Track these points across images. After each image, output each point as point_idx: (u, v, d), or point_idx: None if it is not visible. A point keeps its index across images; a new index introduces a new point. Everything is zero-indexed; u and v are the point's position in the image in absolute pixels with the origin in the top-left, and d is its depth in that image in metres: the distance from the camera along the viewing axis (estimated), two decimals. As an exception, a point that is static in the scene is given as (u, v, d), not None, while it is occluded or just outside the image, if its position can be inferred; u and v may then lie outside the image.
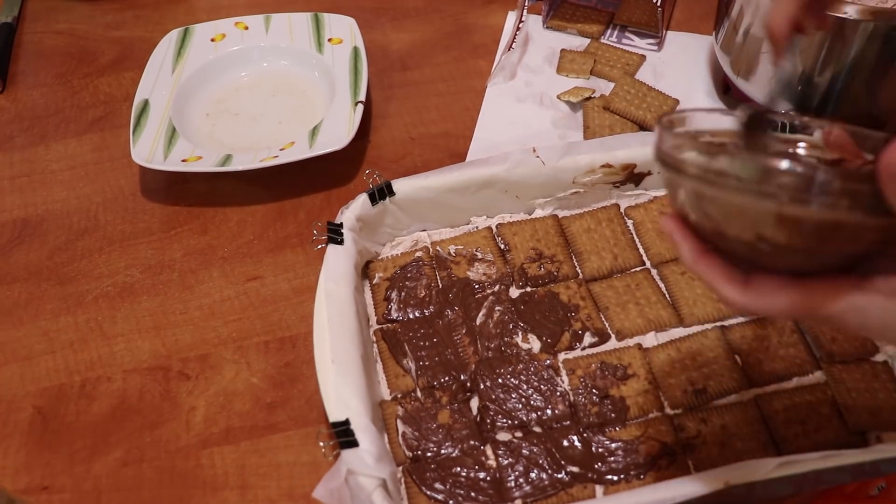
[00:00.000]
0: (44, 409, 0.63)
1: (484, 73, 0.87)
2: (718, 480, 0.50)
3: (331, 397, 0.55)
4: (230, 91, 0.86)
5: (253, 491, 0.58)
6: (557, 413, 0.59)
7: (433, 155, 0.80)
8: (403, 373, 0.62)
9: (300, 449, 0.60)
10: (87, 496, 0.58)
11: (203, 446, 0.60)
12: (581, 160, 0.68)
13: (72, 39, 0.95)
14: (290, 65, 0.87)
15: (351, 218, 0.65)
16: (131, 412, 0.62)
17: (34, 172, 0.81)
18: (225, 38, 0.87)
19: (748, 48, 0.72)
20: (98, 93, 0.89)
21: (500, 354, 0.62)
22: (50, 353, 0.66)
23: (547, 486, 0.55)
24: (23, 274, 0.72)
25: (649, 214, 0.70)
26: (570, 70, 0.86)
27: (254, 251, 0.72)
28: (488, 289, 0.66)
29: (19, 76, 0.91)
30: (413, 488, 0.55)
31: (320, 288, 0.61)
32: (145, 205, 0.77)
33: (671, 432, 0.57)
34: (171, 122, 0.78)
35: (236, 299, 0.69)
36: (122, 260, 0.73)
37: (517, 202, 0.71)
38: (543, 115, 0.82)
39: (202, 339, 0.67)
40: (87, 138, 0.84)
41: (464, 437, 0.58)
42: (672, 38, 0.90)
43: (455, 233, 0.71)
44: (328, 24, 0.87)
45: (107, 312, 0.69)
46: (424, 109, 0.84)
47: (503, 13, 0.94)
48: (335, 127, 0.76)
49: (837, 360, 0.60)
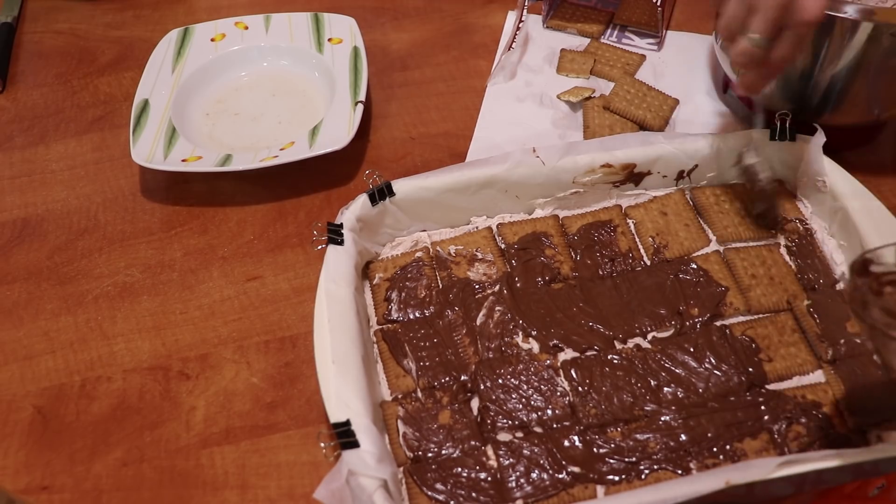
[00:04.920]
0: (44, 409, 0.63)
1: (484, 73, 0.87)
2: (718, 480, 0.50)
3: (331, 398, 0.55)
4: (230, 91, 0.86)
5: (253, 491, 0.58)
6: (558, 413, 0.59)
7: (433, 155, 0.80)
8: (404, 373, 0.62)
9: (300, 449, 0.60)
10: (87, 496, 0.58)
11: (203, 446, 0.60)
12: (581, 160, 0.68)
13: (72, 39, 0.95)
14: (290, 65, 0.87)
15: (351, 218, 0.65)
16: (131, 412, 0.62)
17: (34, 172, 0.81)
18: (225, 37, 0.87)
19: (748, 48, 0.72)
20: (98, 93, 0.89)
21: (500, 355, 0.62)
22: (50, 353, 0.66)
23: (548, 487, 0.55)
24: (23, 274, 0.72)
25: (649, 214, 0.70)
26: (570, 70, 0.86)
27: (254, 251, 0.72)
28: (488, 289, 0.66)
29: (19, 76, 0.91)
30: (414, 489, 0.55)
31: (321, 288, 0.61)
32: (145, 205, 0.77)
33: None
34: (171, 121, 0.78)
35: (236, 299, 0.69)
36: (122, 260, 0.73)
37: (517, 202, 0.71)
38: (543, 115, 0.82)
39: (202, 339, 0.67)
40: (87, 138, 0.84)
41: (464, 437, 0.58)
42: (672, 37, 0.90)
43: (455, 233, 0.71)
44: (328, 23, 0.87)
45: (107, 312, 0.69)
46: (424, 109, 0.84)
47: (503, 13, 0.94)
48: (335, 127, 0.76)
49: (837, 359, 0.61)
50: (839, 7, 0.62)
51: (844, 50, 0.65)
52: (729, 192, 0.71)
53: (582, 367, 0.61)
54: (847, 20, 0.63)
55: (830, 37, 0.65)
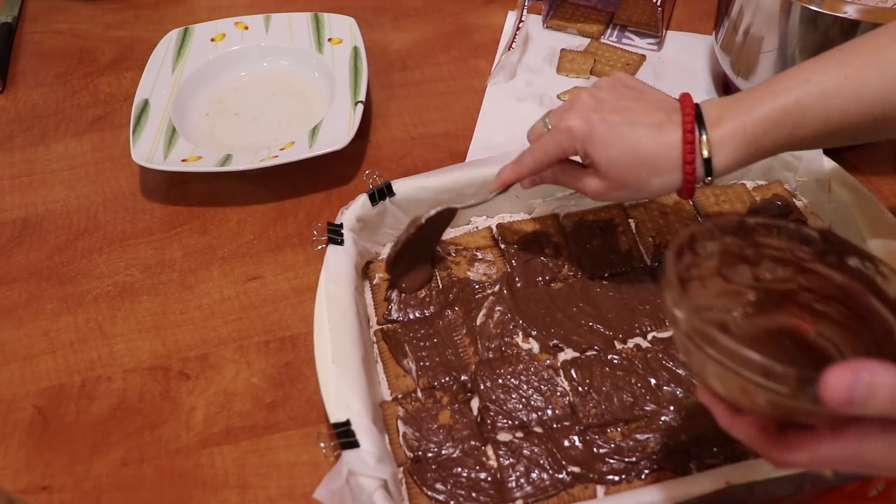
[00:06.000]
0: (44, 409, 0.63)
1: (484, 73, 0.87)
2: (719, 480, 0.50)
3: (331, 398, 0.55)
4: (230, 91, 0.86)
5: (253, 491, 0.58)
6: (558, 413, 0.59)
7: (433, 155, 0.80)
8: (404, 373, 0.62)
9: (300, 449, 0.60)
10: (87, 496, 0.58)
11: (203, 446, 0.60)
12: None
13: (72, 39, 0.95)
14: (290, 65, 0.87)
15: (351, 218, 0.65)
16: (131, 412, 0.62)
17: (34, 172, 0.81)
18: (225, 37, 0.87)
19: (748, 48, 0.72)
20: (98, 93, 0.89)
21: (500, 355, 0.62)
22: (50, 353, 0.66)
23: (548, 487, 0.55)
24: (23, 274, 0.72)
25: (649, 214, 0.70)
26: (570, 70, 0.86)
27: (254, 251, 0.72)
28: (488, 289, 0.66)
29: (19, 76, 0.91)
30: (414, 489, 0.55)
31: (321, 288, 0.61)
32: (145, 205, 0.77)
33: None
34: (171, 121, 0.78)
35: (236, 299, 0.69)
36: (122, 260, 0.73)
37: (517, 202, 0.71)
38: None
39: (202, 339, 0.67)
40: (87, 138, 0.84)
41: (464, 437, 0.58)
42: (672, 37, 0.90)
43: (455, 233, 0.71)
44: (328, 23, 0.87)
45: (107, 312, 0.69)
46: (424, 109, 0.84)
47: (503, 13, 0.94)
48: (335, 127, 0.76)
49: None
50: (839, 7, 0.62)
51: (844, 50, 0.65)
52: (729, 192, 0.71)
53: (582, 367, 0.61)
54: (847, 20, 0.63)
55: (830, 37, 0.65)
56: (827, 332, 0.46)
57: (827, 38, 0.65)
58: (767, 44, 0.69)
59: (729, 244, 0.47)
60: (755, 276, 0.48)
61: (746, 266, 0.48)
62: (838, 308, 0.45)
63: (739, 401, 0.40)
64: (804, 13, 0.65)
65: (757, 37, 0.70)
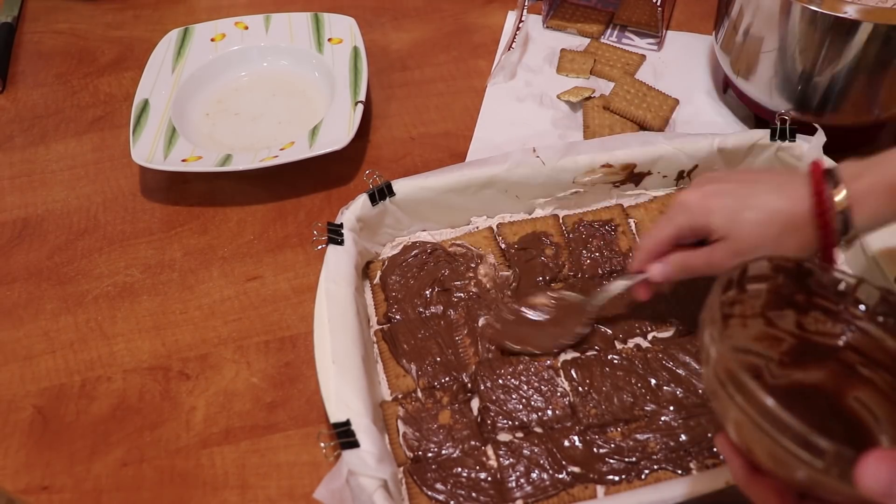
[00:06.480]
0: (44, 409, 0.63)
1: (484, 73, 0.87)
2: (718, 480, 0.50)
3: (331, 398, 0.55)
4: (230, 91, 0.86)
5: (253, 491, 0.58)
6: (558, 413, 0.59)
7: (433, 155, 0.80)
8: (404, 373, 0.62)
9: (300, 449, 0.60)
10: (87, 496, 0.58)
11: (203, 446, 0.60)
12: (581, 160, 0.68)
13: (72, 39, 0.95)
14: (290, 65, 0.87)
15: (351, 218, 0.65)
16: (131, 412, 0.62)
17: (34, 172, 0.81)
18: (225, 38, 0.87)
19: (748, 48, 0.72)
20: (98, 93, 0.89)
21: (500, 355, 0.62)
22: (50, 353, 0.66)
23: (548, 487, 0.55)
24: (23, 274, 0.72)
25: (649, 214, 0.70)
26: (570, 70, 0.86)
27: (254, 251, 0.72)
28: (489, 289, 0.66)
29: (19, 76, 0.91)
30: (414, 489, 0.55)
31: (321, 288, 0.61)
32: (145, 205, 0.77)
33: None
34: (170, 121, 0.78)
35: (236, 299, 0.69)
36: (122, 260, 0.72)
37: (517, 202, 0.71)
38: (543, 114, 0.82)
39: (202, 339, 0.67)
40: (86, 138, 0.84)
41: (464, 437, 0.58)
42: (672, 37, 0.90)
43: (455, 233, 0.71)
44: (328, 23, 0.87)
45: (107, 312, 0.69)
46: (424, 109, 0.84)
47: (503, 13, 0.94)
48: (335, 127, 0.76)
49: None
50: (839, 7, 0.62)
51: (844, 50, 0.65)
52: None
53: (582, 367, 0.61)
54: (847, 20, 0.63)
55: (830, 37, 0.65)
56: (867, 399, 0.43)
57: (827, 38, 0.65)
58: (767, 44, 0.69)
59: (780, 285, 0.44)
60: (799, 324, 0.45)
61: (793, 311, 0.45)
62: (884, 377, 0.42)
63: (762, 460, 0.38)
64: (804, 13, 0.65)
65: (757, 37, 0.70)
